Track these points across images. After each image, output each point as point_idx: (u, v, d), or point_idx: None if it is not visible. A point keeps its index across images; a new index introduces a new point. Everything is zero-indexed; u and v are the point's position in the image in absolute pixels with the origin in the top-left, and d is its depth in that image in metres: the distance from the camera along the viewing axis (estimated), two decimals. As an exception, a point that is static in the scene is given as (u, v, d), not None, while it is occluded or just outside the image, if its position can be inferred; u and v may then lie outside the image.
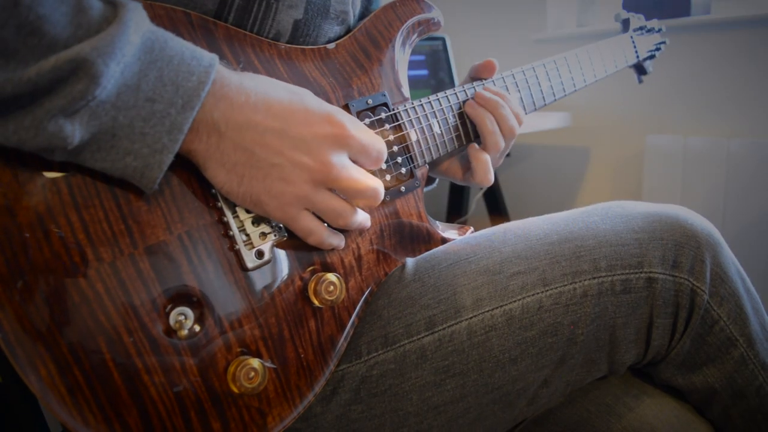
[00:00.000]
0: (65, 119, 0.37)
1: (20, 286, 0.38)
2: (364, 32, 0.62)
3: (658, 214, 0.59)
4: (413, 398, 0.54)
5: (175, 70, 0.40)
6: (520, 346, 0.54)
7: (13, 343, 0.38)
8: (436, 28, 0.69)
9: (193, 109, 0.41)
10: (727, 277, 0.58)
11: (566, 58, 0.82)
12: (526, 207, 2.24)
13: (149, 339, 0.42)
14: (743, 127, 1.68)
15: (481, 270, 0.56)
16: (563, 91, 0.81)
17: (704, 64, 1.71)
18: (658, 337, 0.57)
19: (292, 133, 0.46)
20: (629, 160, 1.95)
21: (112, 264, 0.42)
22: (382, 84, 0.62)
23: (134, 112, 0.39)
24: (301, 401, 0.50)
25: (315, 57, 0.58)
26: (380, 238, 0.59)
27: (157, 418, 0.42)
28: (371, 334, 0.55)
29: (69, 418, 0.40)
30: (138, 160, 0.40)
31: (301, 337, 0.51)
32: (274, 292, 0.50)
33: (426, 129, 0.64)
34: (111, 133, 0.39)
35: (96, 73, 0.36)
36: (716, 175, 1.67)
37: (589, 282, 0.55)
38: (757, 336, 0.59)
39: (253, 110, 0.45)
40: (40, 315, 0.39)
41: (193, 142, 0.43)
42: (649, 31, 1.02)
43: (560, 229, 0.59)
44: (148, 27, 0.41)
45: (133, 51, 0.39)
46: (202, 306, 0.45)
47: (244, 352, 0.47)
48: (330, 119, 0.47)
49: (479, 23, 2.27)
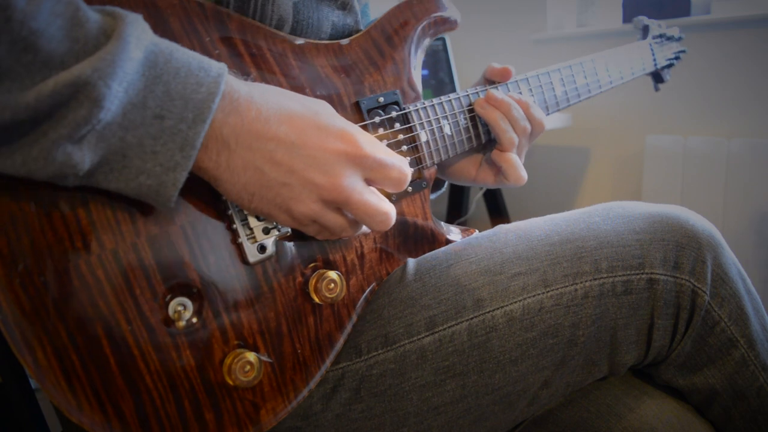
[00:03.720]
0: (73, 146, 0.35)
1: (21, 268, 0.38)
2: (378, 29, 0.62)
3: (659, 215, 0.59)
4: (413, 398, 0.54)
5: (182, 82, 0.39)
6: (520, 347, 0.54)
7: (11, 324, 0.38)
8: (452, 27, 0.68)
9: (204, 122, 0.39)
10: (728, 277, 0.58)
11: (582, 63, 0.81)
12: (526, 207, 2.24)
13: (147, 328, 0.43)
14: (743, 127, 1.68)
15: (482, 270, 0.56)
16: (578, 96, 0.80)
17: (704, 64, 1.71)
18: (659, 338, 0.57)
19: (303, 150, 0.44)
20: (629, 160, 1.95)
21: (114, 251, 0.42)
22: (394, 82, 0.61)
23: (142, 130, 0.37)
24: (295, 396, 0.50)
25: (328, 52, 0.57)
26: (384, 238, 0.59)
27: (151, 405, 0.43)
28: (371, 332, 0.55)
29: (64, 402, 0.40)
30: (152, 179, 0.38)
31: (299, 333, 0.51)
32: (274, 287, 0.50)
33: (437, 130, 0.64)
34: (121, 154, 0.37)
35: (98, 96, 0.35)
36: (716, 175, 1.67)
37: (590, 283, 0.55)
38: (757, 337, 0.59)
39: (264, 125, 0.43)
40: (40, 298, 0.39)
41: (203, 160, 0.41)
42: (669, 39, 1.01)
43: (561, 230, 0.59)
44: (151, 40, 0.39)
45: (136, 67, 0.37)
46: (201, 297, 0.45)
47: (241, 345, 0.47)
48: (344, 136, 0.45)
49: (479, 23, 2.27)
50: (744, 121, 1.68)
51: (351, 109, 0.57)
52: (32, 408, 0.66)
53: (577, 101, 0.80)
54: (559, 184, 2.18)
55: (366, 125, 0.58)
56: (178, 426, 0.44)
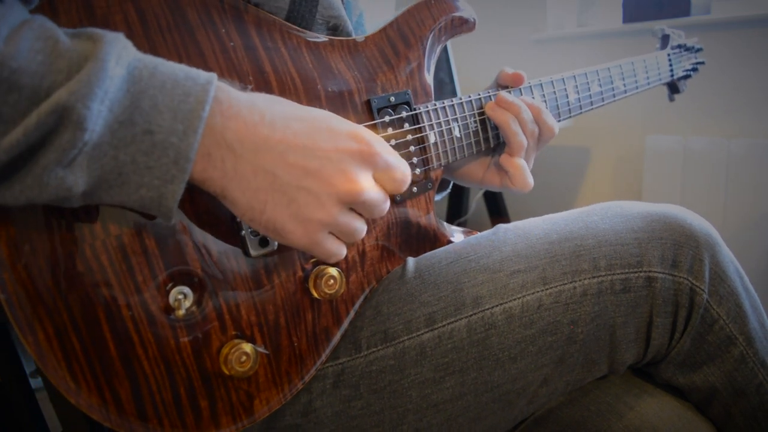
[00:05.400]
0: (64, 170, 0.35)
1: (27, 249, 0.39)
2: (395, 28, 0.62)
3: (657, 214, 0.59)
4: (412, 395, 0.54)
5: (169, 94, 0.38)
6: (519, 345, 0.54)
7: (15, 304, 0.39)
8: (470, 28, 0.67)
9: (196, 132, 0.38)
10: (726, 276, 0.58)
11: (598, 72, 0.80)
12: (526, 207, 2.24)
13: (147, 314, 0.43)
14: (743, 128, 1.68)
15: (482, 268, 0.56)
16: (591, 104, 0.80)
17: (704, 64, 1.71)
18: (658, 336, 0.57)
19: (317, 152, 0.43)
20: (629, 160, 1.95)
21: (118, 238, 0.42)
22: (406, 82, 0.61)
23: (134, 147, 0.37)
24: (290, 389, 0.51)
25: (343, 49, 0.57)
26: (386, 236, 0.59)
27: (147, 390, 0.44)
28: (371, 329, 0.55)
29: (63, 383, 0.40)
30: (152, 191, 0.38)
31: (296, 327, 0.51)
32: (274, 281, 0.50)
33: (446, 132, 0.64)
34: (116, 173, 0.37)
35: (79, 118, 0.34)
36: (716, 175, 1.67)
37: (588, 281, 0.55)
38: (756, 334, 0.59)
39: (270, 128, 0.41)
40: (44, 280, 0.39)
41: (207, 170, 0.40)
42: (688, 49, 1.00)
43: (560, 229, 0.59)
44: (134, 56, 0.38)
45: (119, 84, 0.36)
46: (202, 287, 0.46)
47: (238, 336, 0.48)
48: (355, 136, 0.45)
49: (479, 23, 2.27)
50: (744, 122, 1.68)
51: (362, 107, 0.57)
52: (32, 408, 0.67)
53: (589, 109, 0.80)
54: (559, 184, 2.18)
55: (375, 124, 0.58)
56: (173, 412, 0.45)
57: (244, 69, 0.49)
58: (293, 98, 0.52)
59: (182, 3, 0.47)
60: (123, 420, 0.43)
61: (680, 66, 0.99)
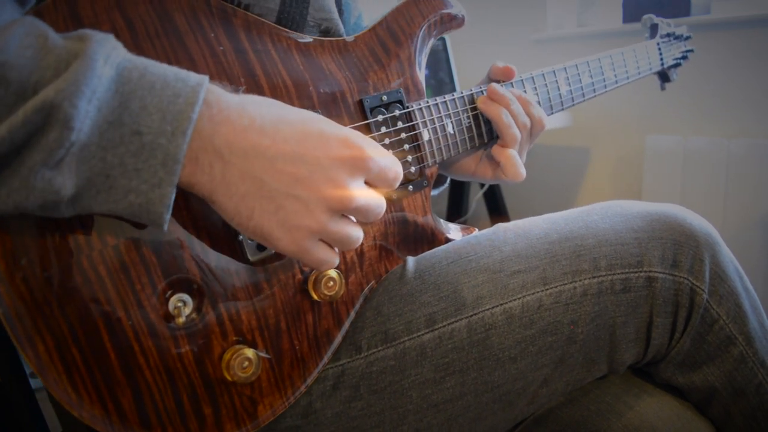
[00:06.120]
0: (51, 171, 0.34)
1: (24, 262, 0.39)
2: (385, 26, 0.62)
3: (657, 214, 0.59)
4: (413, 395, 0.54)
5: (158, 95, 0.37)
6: (519, 345, 0.54)
7: (13, 318, 0.38)
8: (459, 24, 0.67)
9: (184, 134, 0.37)
10: (726, 276, 0.58)
11: (588, 63, 0.80)
12: (526, 207, 2.24)
13: (147, 323, 0.43)
14: (744, 128, 1.68)
15: (482, 268, 0.56)
16: (583, 96, 0.80)
17: (704, 64, 1.71)
18: (658, 336, 0.57)
19: (307, 158, 0.42)
20: (629, 160, 1.95)
21: (115, 248, 0.42)
22: (398, 80, 0.61)
23: (122, 149, 0.36)
24: (293, 392, 0.51)
25: (333, 49, 0.57)
26: (384, 236, 0.59)
27: (150, 399, 0.43)
28: (371, 330, 0.55)
29: (64, 395, 0.40)
30: (140, 197, 0.37)
31: (297, 330, 0.51)
32: (273, 285, 0.50)
33: (439, 129, 0.64)
34: (104, 175, 0.36)
35: (65, 117, 0.33)
36: (716, 175, 1.67)
37: (588, 281, 0.55)
38: (755, 334, 0.59)
39: (259, 134, 0.41)
40: (42, 292, 0.39)
41: (195, 174, 0.39)
42: (677, 38, 1.01)
43: (560, 229, 0.59)
44: (124, 57, 0.37)
45: (107, 84, 0.36)
46: (201, 294, 0.46)
47: (239, 341, 0.48)
48: (347, 142, 0.44)
49: (479, 23, 2.27)
50: (744, 122, 1.67)
51: (354, 107, 0.57)
52: (32, 408, 0.66)
53: (581, 101, 0.80)
54: (559, 184, 2.18)
55: (368, 124, 0.58)
56: (176, 420, 0.44)
57: (234, 73, 0.49)
58: (285, 100, 0.51)
59: (170, 8, 0.46)
60: (126, 430, 0.42)
61: (670, 54, 0.99)
